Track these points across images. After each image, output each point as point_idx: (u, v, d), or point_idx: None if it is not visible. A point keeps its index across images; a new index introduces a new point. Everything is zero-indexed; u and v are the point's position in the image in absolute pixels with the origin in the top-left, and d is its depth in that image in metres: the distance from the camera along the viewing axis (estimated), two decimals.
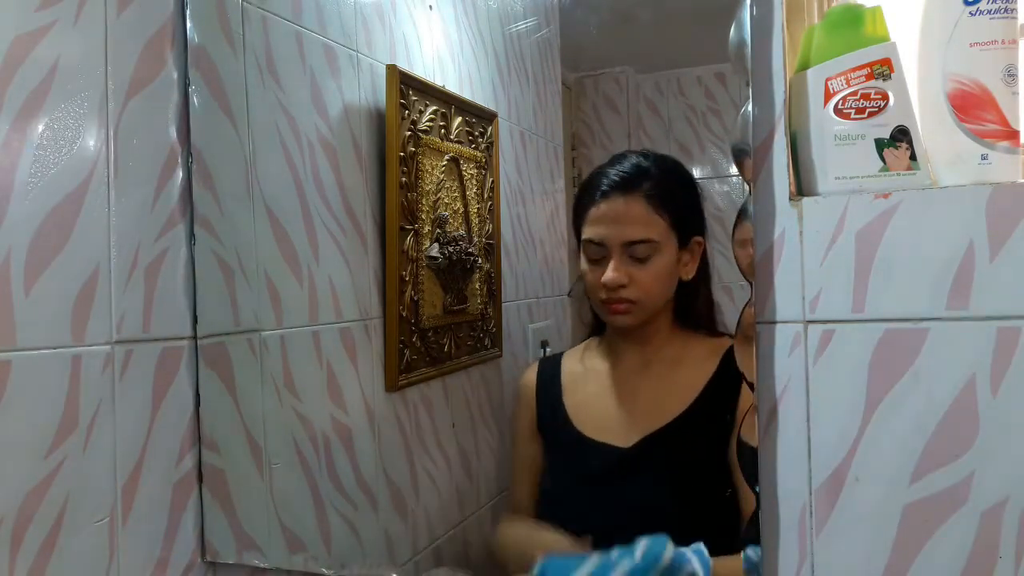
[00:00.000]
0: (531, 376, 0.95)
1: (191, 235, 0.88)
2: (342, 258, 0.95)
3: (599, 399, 0.88)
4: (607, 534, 0.84)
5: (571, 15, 0.99)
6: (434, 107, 0.98)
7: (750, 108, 0.67)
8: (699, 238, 0.84)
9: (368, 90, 0.98)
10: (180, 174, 0.88)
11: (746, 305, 0.68)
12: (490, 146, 1.03)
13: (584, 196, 0.88)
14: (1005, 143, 0.63)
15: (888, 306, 0.63)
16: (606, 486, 0.85)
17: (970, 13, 0.63)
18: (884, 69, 0.66)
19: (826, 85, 0.67)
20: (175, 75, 0.88)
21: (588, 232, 0.86)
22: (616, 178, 0.86)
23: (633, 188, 0.84)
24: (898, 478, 0.63)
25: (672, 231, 0.83)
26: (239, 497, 0.90)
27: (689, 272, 0.84)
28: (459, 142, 1.01)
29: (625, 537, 0.82)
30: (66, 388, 0.75)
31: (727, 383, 0.79)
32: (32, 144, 0.73)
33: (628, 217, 0.84)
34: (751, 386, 0.68)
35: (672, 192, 0.85)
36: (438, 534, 1.00)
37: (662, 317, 0.86)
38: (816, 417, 0.66)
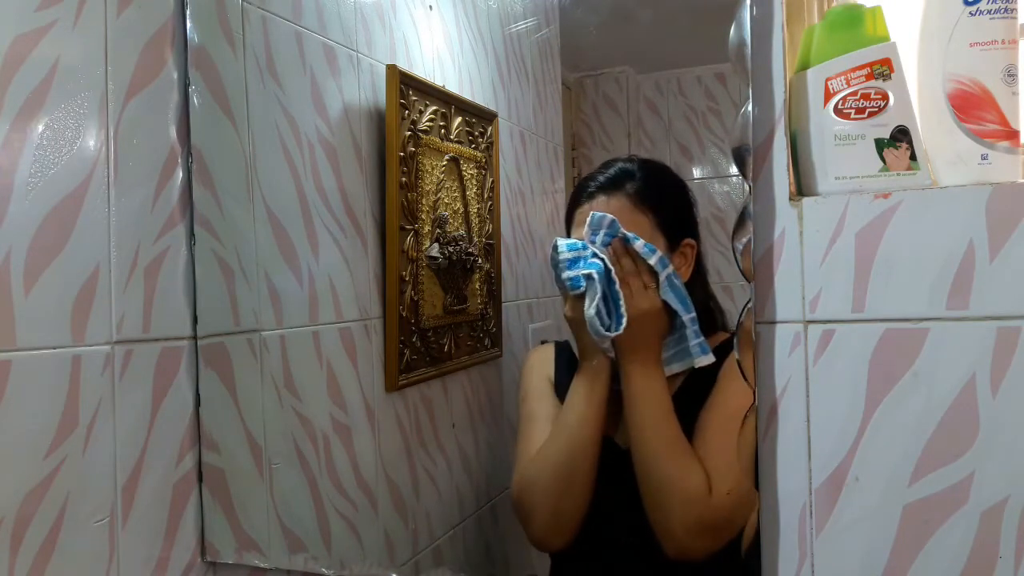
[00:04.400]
0: (549, 348, 0.95)
1: (191, 235, 0.88)
2: (342, 258, 0.95)
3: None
4: (602, 527, 0.85)
5: (571, 15, 0.99)
6: (434, 107, 0.98)
7: (750, 108, 0.67)
8: (690, 240, 0.85)
9: (368, 90, 0.98)
10: (180, 174, 0.88)
11: (746, 305, 0.68)
12: (490, 146, 1.03)
13: (572, 201, 0.90)
14: (1005, 143, 0.63)
15: (888, 306, 0.63)
16: (603, 479, 0.85)
17: (970, 13, 0.63)
18: (884, 69, 0.66)
19: (826, 85, 0.67)
20: (175, 75, 0.88)
21: (574, 234, 0.87)
22: (601, 180, 0.88)
23: (615, 188, 0.86)
24: (898, 478, 0.63)
25: (658, 231, 0.84)
26: (239, 497, 0.90)
27: (684, 275, 0.84)
28: (459, 142, 1.01)
29: (615, 531, 0.84)
30: (66, 388, 0.75)
31: (699, 383, 0.80)
32: (32, 144, 0.73)
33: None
34: (750, 386, 0.68)
35: (656, 192, 0.86)
36: (438, 534, 1.00)
37: None
38: (816, 417, 0.66)
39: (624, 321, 0.81)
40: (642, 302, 0.82)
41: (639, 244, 0.82)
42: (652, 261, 0.82)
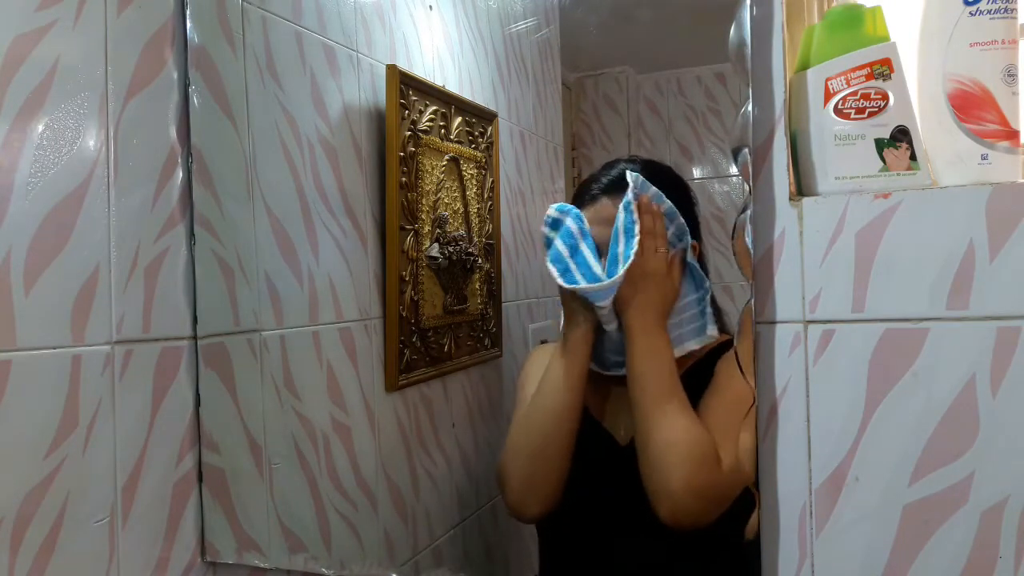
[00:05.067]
0: (549, 348, 0.94)
1: (191, 235, 0.88)
2: (342, 258, 0.95)
3: (604, 389, 0.88)
4: (597, 525, 0.85)
5: (571, 15, 0.99)
6: (434, 107, 0.98)
7: (750, 108, 0.67)
8: (693, 242, 0.84)
9: (368, 90, 0.98)
10: (180, 174, 0.88)
11: (746, 305, 0.68)
12: (490, 146, 1.03)
13: (576, 202, 0.89)
14: (1005, 143, 0.63)
15: (888, 306, 0.63)
16: (601, 474, 0.86)
17: (970, 13, 0.63)
18: (884, 69, 0.66)
19: (826, 85, 0.67)
20: (175, 75, 0.88)
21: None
22: (604, 182, 0.87)
23: (619, 191, 0.84)
24: (898, 478, 0.63)
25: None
26: (239, 497, 0.90)
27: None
28: (459, 142, 1.01)
29: (613, 530, 0.84)
30: (66, 388, 0.75)
31: (698, 379, 0.80)
32: (32, 144, 0.73)
33: (614, 218, 0.84)
34: (750, 386, 0.68)
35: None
36: (438, 534, 1.00)
37: None
38: (816, 417, 0.66)
39: (619, 272, 0.80)
40: (651, 262, 0.81)
41: (667, 206, 0.82)
42: (679, 222, 0.83)
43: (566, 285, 0.83)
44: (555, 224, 0.86)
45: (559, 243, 0.85)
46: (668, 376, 0.80)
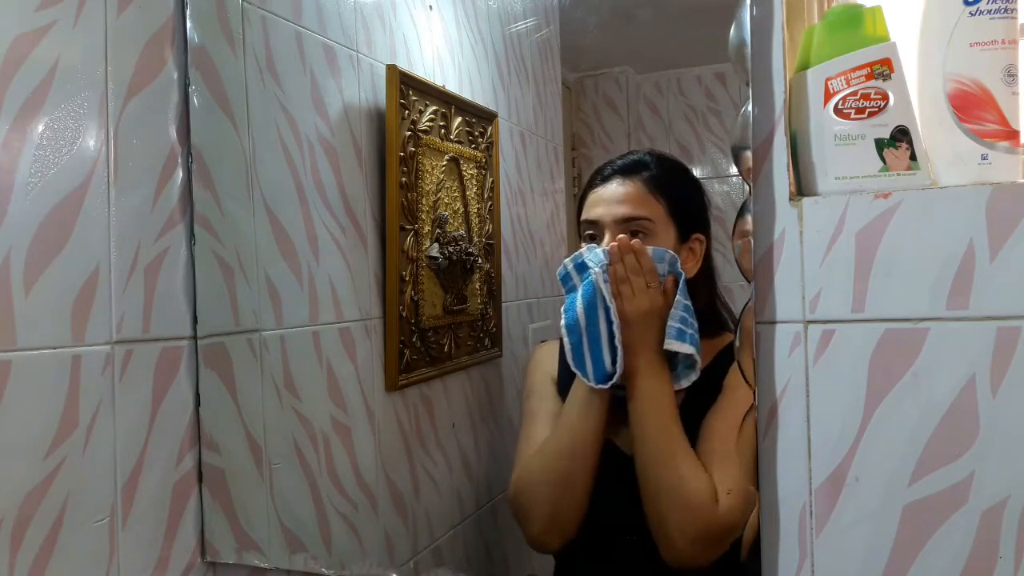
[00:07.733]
0: (553, 345, 0.92)
1: (191, 235, 0.88)
2: (342, 258, 0.95)
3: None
4: (605, 529, 0.85)
5: (571, 15, 0.99)
6: (434, 107, 0.98)
7: (750, 108, 0.67)
8: (700, 235, 0.84)
9: (368, 90, 0.98)
10: (180, 174, 0.88)
11: (746, 305, 0.68)
12: (490, 146, 1.03)
13: (588, 184, 0.90)
14: (1005, 143, 0.63)
15: (888, 306, 0.63)
16: (606, 482, 0.85)
17: (970, 13, 0.63)
18: (884, 69, 0.66)
19: (826, 85, 0.67)
20: (175, 75, 0.88)
21: (585, 214, 0.88)
22: (619, 164, 0.88)
23: (632, 173, 0.86)
24: (898, 478, 0.63)
25: (670, 219, 0.84)
26: (239, 497, 0.90)
27: (691, 270, 0.83)
28: (459, 142, 1.01)
29: (616, 534, 0.83)
30: (66, 388, 0.75)
31: (705, 388, 0.80)
32: (32, 144, 0.73)
33: (623, 196, 0.85)
34: (750, 385, 0.68)
35: (671, 182, 0.86)
36: (438, 534, 1.00)
37: None
38: (816, 417, 0.66)
39: (618, 368, 0.80)
40: (643, 302, 0.81)
41: (636, 242, 0.81)
42: (650, 253, 0.81)
43: (577, 372, 0.83)
44: (580, 268, 0.85)
45: (579, 303, 0.83)
46: (668, 420, 0.79)
